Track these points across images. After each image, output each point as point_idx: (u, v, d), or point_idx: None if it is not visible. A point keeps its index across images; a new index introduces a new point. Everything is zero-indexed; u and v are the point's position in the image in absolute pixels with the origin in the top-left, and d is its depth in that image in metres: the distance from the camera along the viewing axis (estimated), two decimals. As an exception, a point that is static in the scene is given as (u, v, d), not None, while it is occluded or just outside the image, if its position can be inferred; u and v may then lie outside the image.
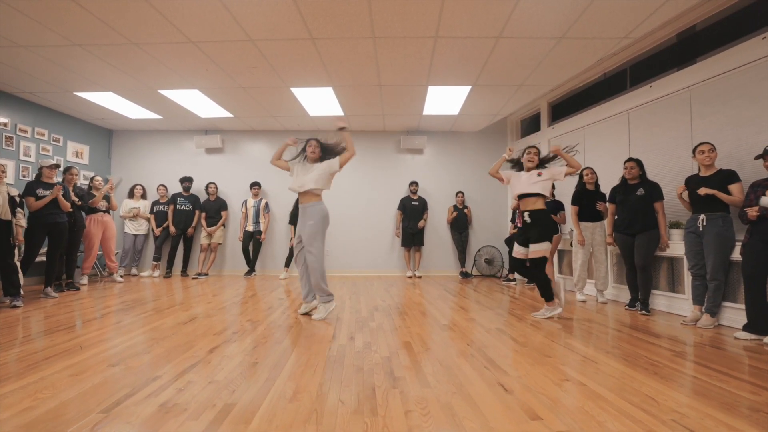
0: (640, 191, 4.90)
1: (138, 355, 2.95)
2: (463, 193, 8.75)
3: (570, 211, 5.76)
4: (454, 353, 3.08)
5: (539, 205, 4.46)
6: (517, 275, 7.74)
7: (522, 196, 4.54)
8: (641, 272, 4.86)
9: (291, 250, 8.24)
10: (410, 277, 8.44)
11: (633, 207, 4.94)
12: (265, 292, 6.29)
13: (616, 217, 5.24)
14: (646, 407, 2.13)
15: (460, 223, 8.66)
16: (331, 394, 2.27)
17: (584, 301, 5.56)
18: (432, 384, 2.43)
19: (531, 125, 8.63)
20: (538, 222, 4.43)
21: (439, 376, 2.56)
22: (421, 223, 8.56)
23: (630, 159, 5.07)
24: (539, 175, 4.46)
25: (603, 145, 6.39)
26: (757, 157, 3.74)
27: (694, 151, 4.33)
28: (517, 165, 4.80)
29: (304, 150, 4.60)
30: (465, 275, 8.38)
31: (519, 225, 4.71)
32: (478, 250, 8.79)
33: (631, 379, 2.53)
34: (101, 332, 3.64)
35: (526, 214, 4.49)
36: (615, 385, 2.44)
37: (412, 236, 8.53)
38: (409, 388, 2.37)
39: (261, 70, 5.76)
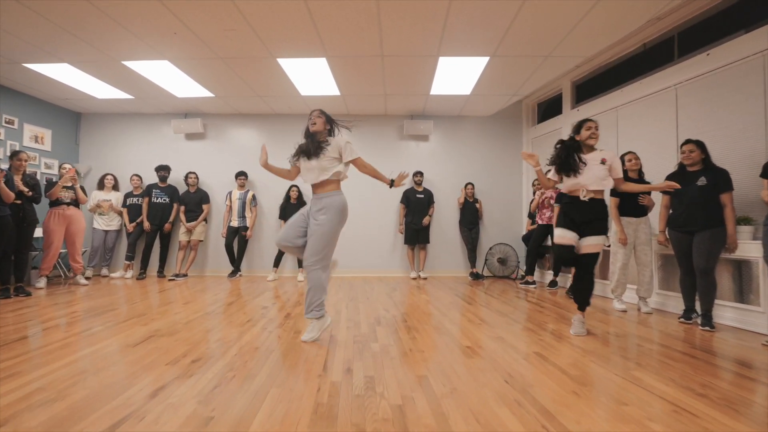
0: (702, 180, 4.06)
1: (32, 410, 2.07)
2: (473, 185, 7.89)
3: (609, 203, 4.90)
4: (490, 396, 2.23)
5: (600, 194, 3.61)
6: (535, 276, 6.92)
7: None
8: (703, 277, 4.01)
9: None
10: (415, 279, 7.59)
11: (693, 199, 4.09)
12: (249, 296, 5.44)
13: (671, 211, 4.40)
14: None
15: (470, 218, 7.80)
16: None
17: (624, 311, 4.72)
18: (473, 464, 1.59)
19: (550, 109, 7.78)
20: (600, 212, 3.59)
21: (480, 446, 1.72)
22: (426, 220, 7.71)
23: (688, 141, 4.22)
24: (603, 162, 3.58)
25: (641, 128, 5.54)
26: None
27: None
28: (559, 161, 3.69)
29: (308, 136, 3.56)
30: (476, 276, 7.53)
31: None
32: (490, 249, 7.93)
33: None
34: (23, 359, 2.78)
35: (587, 198, 3.56)
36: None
37: (416, 233, 7.67)
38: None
39: (240, 35, 4.87)
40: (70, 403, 2.09)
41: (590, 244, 3.54)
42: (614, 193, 4.81)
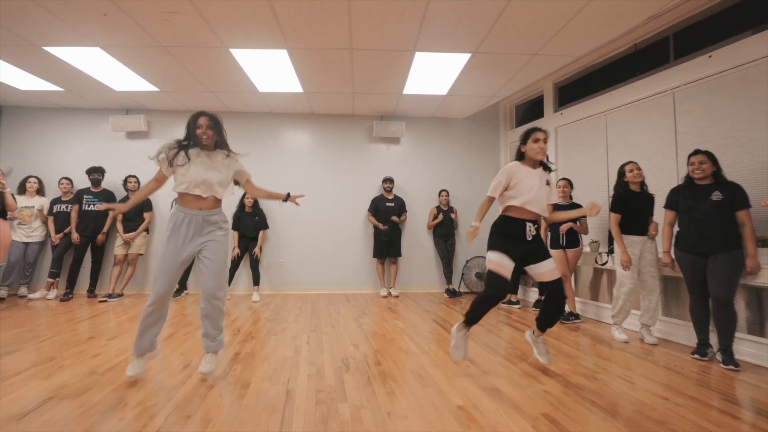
0: (717, 195, 3.60)
1: None
2: (447, 192, 7.33)
3: (610, 220, 4.39)
4: None
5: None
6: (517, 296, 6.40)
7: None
8: (722, 308, 3.53)
9: (233, 262, 6.67)
10: (385, 297, 6.96)
11: (706, 217, 3.64)
12: (194, 323, 4.71)
13: (677, 229, 3.93)
14: None
15: (446, 229, 7.23)
16: None
17: (627, 342, 4.22)
18: None
19: (529, 112, 7.32)
20: (539, 234, 3.23)
21: None
22: (403, 216, 7.22)
23: (698, 151, 3.77)
24: (548, 183, 3.24)
25: (634, 135, 5.12)
26: None
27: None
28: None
29: (192, 134, 3.03)
30: (452, 294, 6.96)
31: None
32: (467, 262, 7.39)
33: None
34: None
35: (531, 225, 3.15)
36: None
37: (386, 245, 7.05)
38: None
39: (184, 19, 4.16)
40: None
41: (550, 270, 3.12)
42: (616, 207, 4.32)
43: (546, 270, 3.13)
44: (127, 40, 4.66)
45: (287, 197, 3.41)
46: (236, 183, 3.29)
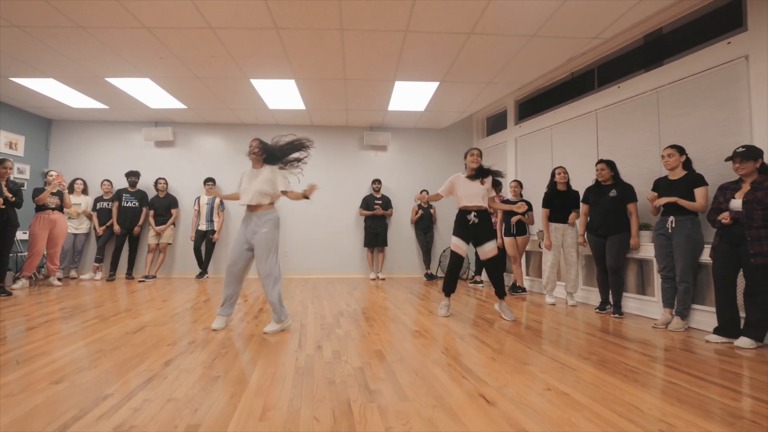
0: (613, 192, 5.00)
1: (84, 371, 2.75)
2: (427, 192, 8.72)
3: (540, 213, 5.81)
4: (429, 362, 3.03)
5: (484, 207, 4.78)
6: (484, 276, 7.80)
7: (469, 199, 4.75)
8: (613, 274, 4.96)
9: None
10: (374, 279, 8.37)
11: (605, 208, 5.03)
12: (218, 296, 6.08)
13: (588, 218, 5.33)
14: (633, 417, 2.13)
15: (425, 223, 8.65)
16: (304, 410, 2.17)
17: (554, 304, 5.62)
18: (410, 397, 2.36)
19: (497, 123, 8.70)
20: (486, 221, 4.76)
21: (417, 388, 2.50)
22: (389, 211, 8.63)
23: (601, 161, 5.16)
24: (482, 183, 4.75)
25: (571, 145, 6.50)
26: (727, 159, 3.84)
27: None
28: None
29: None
30: (430, 277, 8.38)
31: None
32: (444, 251, 8.81)
33: (612, 387, 2.54)
34: (39, 344, 3.39)
35: (473, 214, 4.69)
36: (598, 394, 2.43)
37: (375, 236, 8.47)
38: (387, 401, 2.29)
39: (219, 60, 5.56)
40: (101, 372, 2.76)
41: (489, 249, 4.66)
42: (544, 203, 5.73)
43: (487, 249, 4.69)
44: (172, 74, 6.05)
45: (305, 196, 4.08)
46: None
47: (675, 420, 2.12)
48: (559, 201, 5.68)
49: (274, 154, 4.17)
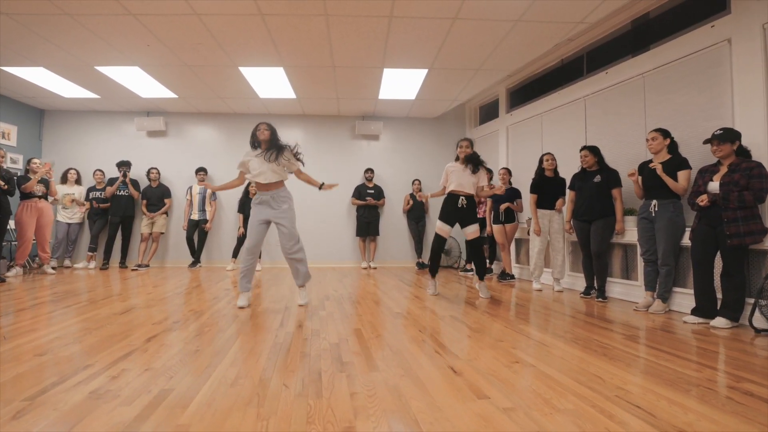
0: (597, 178, 5.09)
1: (68, 345, 2.86)
2: (419, 181, 8.84)
3: (528, 199, 5.91)
4: (405, 339, 3.13)
5: (471, 194, 5.14)
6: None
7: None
8: (597, 259, 5.05)
9: (239, 240, 8.14)
10: (365, 268, 8.48)
11: (590, 194, 5.12)
12: (210, 283, 6.19)
13: (574, 204, 5.42)
14: (592, 385, 2.23)
15: (417, 213, 8.75)
16: (275, 379, 2.28)
17: (540, 290, 5.72)
18: (380, 368, 2.46)
19: (490, 112, 8.78)
20: (472, 207, 5.12)
21: (388, 361, 2.60)
22: (381, 201, 8.74)
23: (584, 147, 5.25)
24: (473, 172, 5.12)
25: (561, 132, 6.58)
26: (705, 142, 3.92)
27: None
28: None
29: (254, 136, 4.40)
30: (421, 266, 8.47)
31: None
32: (435, 240, 8.91)
33: (580, 361, 2.65)
34: (29, 323, 3.50)
35: (463, 198, 5.03)
36: (564, 366, 2.54)
37: (367, 225, 8.57)
38: (357, 372, 2.40)
39: (207, 48, 5.64)
40: (85, 346, 2.87)
41: (473, 231, 5.02)
42: (532, 189, 5.82)
43: (471, 231, 5.02)
44: (161, 61, 6.13)
45: (321, 185, 4.55)
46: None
47: (633, 387, 2.21)
48: (548, 187, 5.77)
49: (278, 139, 4.46)
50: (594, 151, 5.19)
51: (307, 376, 2.32)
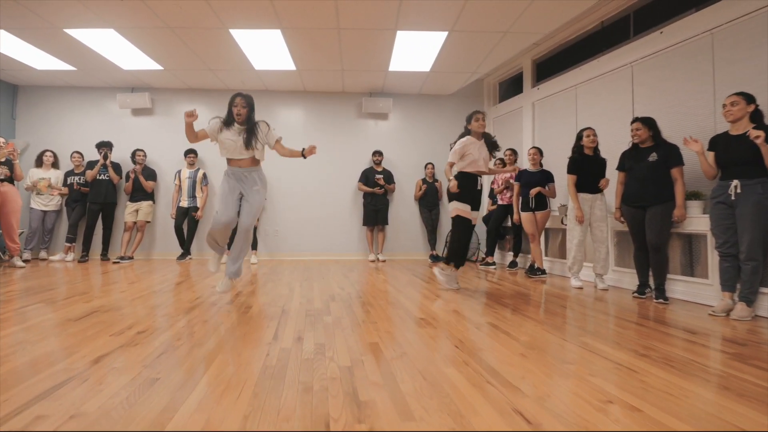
0: (653, 156, 4.29)
1: (-19, 371, 2.10)
2: (433, 165, 8.05)
3: (567, 181, 5.10)
4: (439, 360, 2.36)
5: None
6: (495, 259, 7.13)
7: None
8: (655, 252, 4.25)
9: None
10: (373, 261, 7.71)
11: (644, 175, 4.32)
12: (198, 278, 5.43)
13: (624, 187, 4.63)
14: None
15: (430, 200, 7.96)
16: (260, 435, 1.51)
17: (581, 288, 4.95)
18: (417, 414, 1.68)
19: (511, 88, 7.98)
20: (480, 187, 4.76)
21: (426, 399, 1.83)
22: (391, 186, 7.95)
23: (636, 119, 4.45)
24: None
25: (600, 105, 5.79)
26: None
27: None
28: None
29: (230, 112, 3.96)
30: (435, 258, 7.69)
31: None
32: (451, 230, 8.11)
33: (696, 398, 1.87)
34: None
35: (480, 179, 4.69)
36: (682, 409, 1.75)
37: (375, 214, 7.78)
38: (383, 422, 1.62)
39: (191, 3, 4.83)
40: (10, 368, 2.11)
41: (477, 215, 4.68)
42: (571, 169, 5.02)
43: (474, 216, 4.67)
44: (138, 23, 5.32)
45: (302, 153, 4.03)
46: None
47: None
48: (588, 168, 4.98)
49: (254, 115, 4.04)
50: (648, 123, 4.38)
51: (310, 429, 1.55)
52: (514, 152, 6.72)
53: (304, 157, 4.03)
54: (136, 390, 1.88)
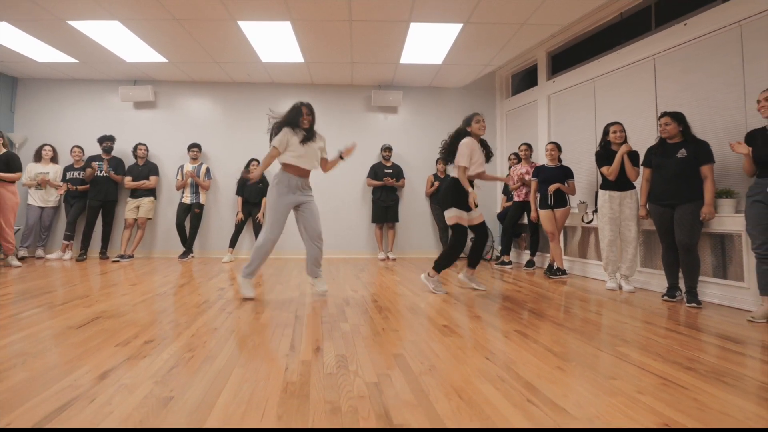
0: (682, 152, 4.14)
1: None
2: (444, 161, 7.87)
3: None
4: (472, 374, 2.22)
5: None
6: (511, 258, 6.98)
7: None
8: (686, 253, 4.10)
9: (237, 227, 7.26)
10: (383, 260, 7.57)
11: (673, 172, 4.17)
12: (202, 279, 5.30)
13: (650, 184, 4.47)
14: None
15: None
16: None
17: (614, 290, 4.80)
18: (458, 440, 1.56)
19: (524, 80, 7.81)
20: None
21: (465, 422, 1.69)
22: (401, 182, 7.81)
23: (665, 113, 4.30)
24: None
25: (620, 99, 5.63)
26: None
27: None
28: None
29: (298, 121, 4.25)
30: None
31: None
32: (462, 228, 7.97)
33: (763, 421, 1.73)
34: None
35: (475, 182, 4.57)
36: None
37: (384, 210, 7.64)
38: (423, 450, 1.49)
39: (197, -8, 4.70)
40: (9, 386, 1.97)
41: (478, 215, 4.52)
42: (601, 163, 4.89)
43: (476, 215, 4.50)
44: (144, 14, 5.19)
45: (341, 156, 4.31)
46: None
47: None
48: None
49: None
50: (678, 118, 4.23)
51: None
52: (529, 147, 6.61)
53: (342, 158, 4.37)
54: (150, 412, 1.74)
